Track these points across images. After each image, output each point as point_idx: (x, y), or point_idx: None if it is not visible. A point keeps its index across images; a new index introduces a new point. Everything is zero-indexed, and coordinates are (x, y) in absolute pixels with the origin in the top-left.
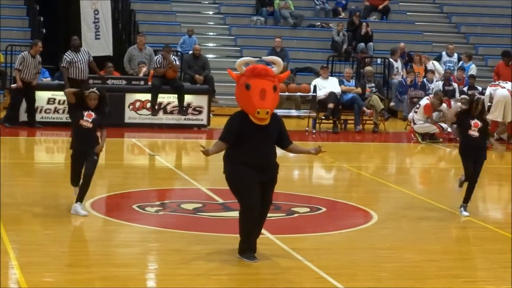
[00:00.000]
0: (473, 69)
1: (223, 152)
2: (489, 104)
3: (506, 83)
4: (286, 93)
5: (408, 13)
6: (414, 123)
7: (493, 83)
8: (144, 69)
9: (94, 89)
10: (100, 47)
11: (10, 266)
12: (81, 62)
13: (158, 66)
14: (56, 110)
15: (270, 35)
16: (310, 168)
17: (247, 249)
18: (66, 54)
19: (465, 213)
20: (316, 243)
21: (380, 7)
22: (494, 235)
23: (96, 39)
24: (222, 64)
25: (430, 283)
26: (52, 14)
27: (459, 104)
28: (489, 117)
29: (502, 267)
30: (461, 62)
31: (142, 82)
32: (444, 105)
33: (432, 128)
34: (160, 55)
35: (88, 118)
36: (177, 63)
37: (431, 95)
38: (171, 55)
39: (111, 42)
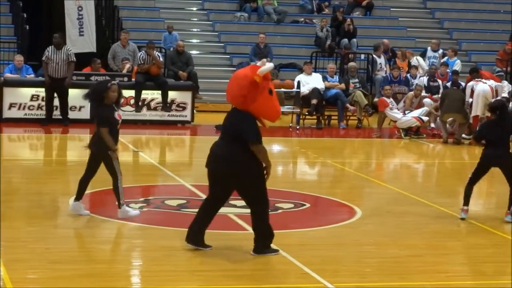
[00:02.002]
0: (458, 65)
1: (231, 149)
2: (470, 100)
3: (488, 80)
4: None
5: (392, 9)
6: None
7: (475, 78)
8: (127, 66)
9: (115, 82)
10: (84, 44)
11: None
12: (58, 61)
13: (142, 62)
14: (39, 107)
15: (254, 31)
16: (294, 164)
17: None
18: (47, 48)
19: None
20: (300, 239)
21: (364, 3)
22: (477, 230)
23: (80, 35)
24: (206, 61)
25: (414, 278)
26: (36, 11)
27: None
28: (473, 113)
29: (485, 262)
30: (445, 58)
31: (125, 79)
32: (427, 100)
33: (413, 121)
34: (143, 51)
35: (119, 119)
36: (161, 59)
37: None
38: (155, 52)
39: (95, 38)
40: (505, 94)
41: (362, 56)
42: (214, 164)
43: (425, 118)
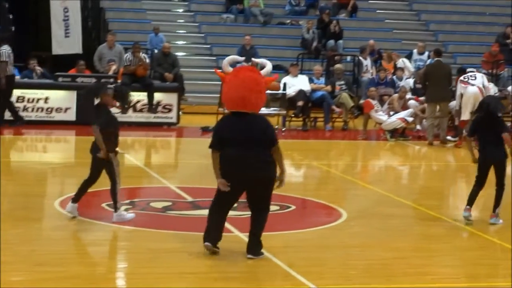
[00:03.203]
0: None
1: (268, 154)
2: (455, 102)
3: (474, 78)
4: None
5: (377, 11)
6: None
7: (461, 79)
8: (114, 67)
9: (112, 86)
10: (70, 45)
11: None
12: None
13: (128, 64)
14: (25, 108)
15: (240, 32)
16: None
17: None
18: None
19: (467, 217)
20: (285, 241)
21: (349, 8)
22: (462, 233)
23: (66, 37)
24: (192, 62)
25: (399, 281)
26: (22, 12)
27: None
28: (462, 118)
29: (471, 264)
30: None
31: (111, 80)
32: (413, 102)
33: (398, 122)
34: (130, 53)
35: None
36: (148, 61)
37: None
38: (141, 53)
39: (81, 40)
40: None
41: (348, 58)
42: (257, 170)
43: (410, 119)
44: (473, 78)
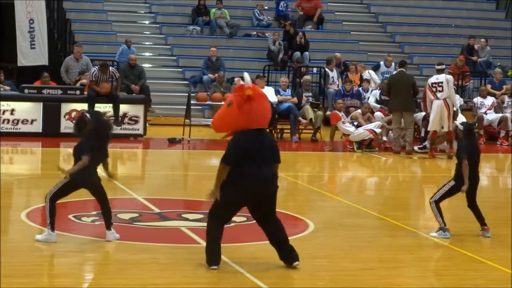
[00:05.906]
0: None
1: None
2: (423, 113)
3: (441, 90)
4: (222, 103)
5: (343, 23)
6: (348, 134)
7: (429, 86)
8: (84, 81)
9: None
10: (36, 57)
11: None
12: None
13: (94, 80)
14: None
15: (206, 44)
16: None
17: None
18: None
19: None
20: (253, 252)
21: (315, 19)
22: (428, 243)
23: (31, 48)
24: (158, 74)
25: None
26: None
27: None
28: (429, 128)
29: (437, 275)
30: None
31: (78, 92)
32: (378, 113)
33: (366, 134)
34: (96, 68)
35: None
36: (117, 75)
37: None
38: (110, 68)
39: (47, 51)
40: (456, 108)
41: (315, 70)
42: (273, 185)
43: (378, 130)
44: (440, 89)
